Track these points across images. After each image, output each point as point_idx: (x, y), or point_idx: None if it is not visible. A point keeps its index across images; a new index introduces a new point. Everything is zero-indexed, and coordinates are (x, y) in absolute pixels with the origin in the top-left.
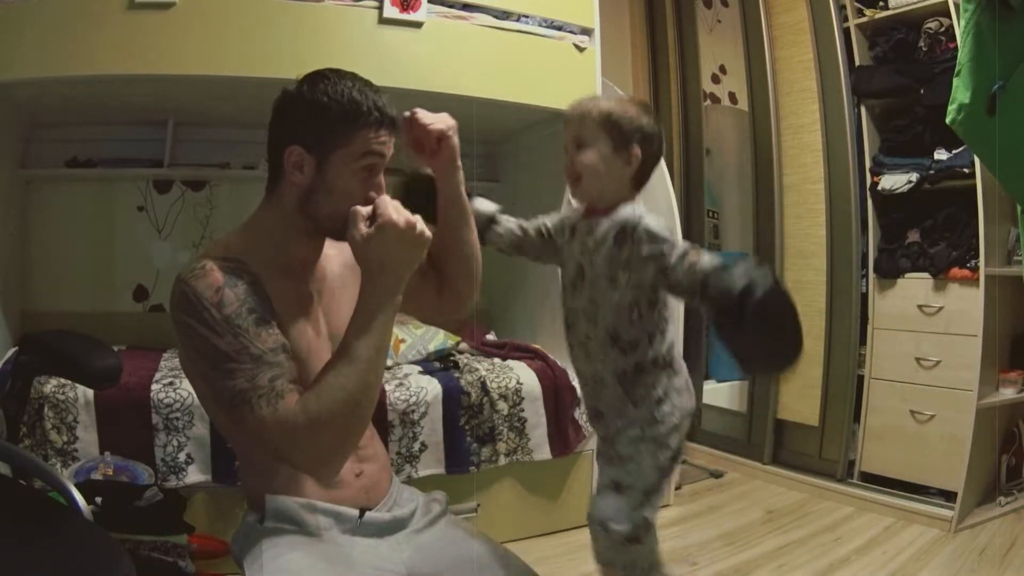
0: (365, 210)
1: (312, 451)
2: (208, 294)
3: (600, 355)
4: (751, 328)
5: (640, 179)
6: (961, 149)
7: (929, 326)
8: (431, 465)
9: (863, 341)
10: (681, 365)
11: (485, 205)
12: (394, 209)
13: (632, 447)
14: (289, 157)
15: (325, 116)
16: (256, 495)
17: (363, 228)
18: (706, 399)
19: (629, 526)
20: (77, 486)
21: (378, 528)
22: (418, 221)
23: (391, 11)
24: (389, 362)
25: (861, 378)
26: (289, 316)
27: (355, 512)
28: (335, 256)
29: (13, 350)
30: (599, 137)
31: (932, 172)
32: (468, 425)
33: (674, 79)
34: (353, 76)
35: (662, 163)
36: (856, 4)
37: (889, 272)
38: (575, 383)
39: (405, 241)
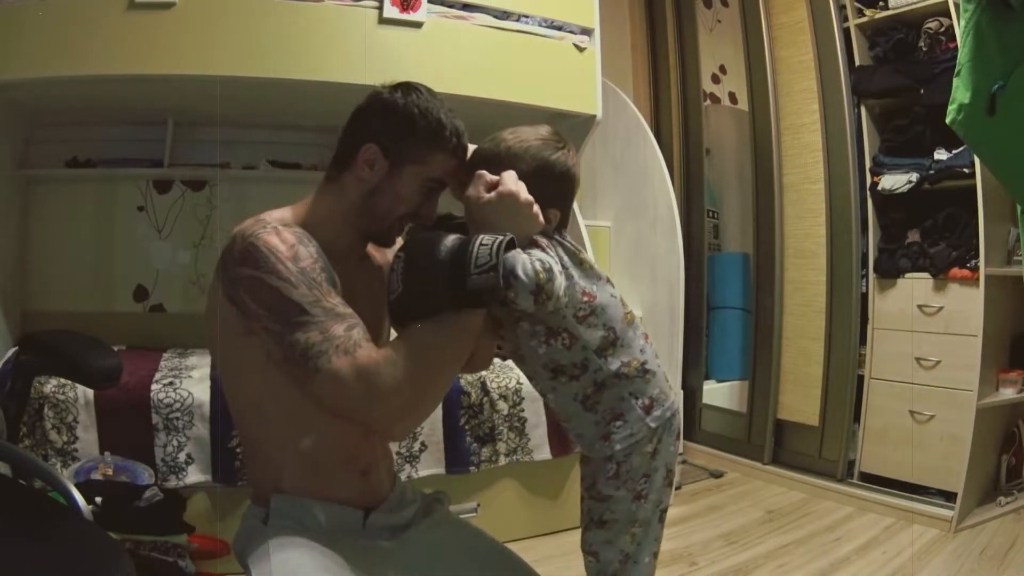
0: (489, 176)
1: (391, 405)
2: (283, 248)
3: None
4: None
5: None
6: (961, 149)
7: (929, 326)
8: (431, 465)
9: (863, 341)
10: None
11: None
12: (514, 182)
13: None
14: (364, 153)
15: (411, 127)
16: (262, 490)
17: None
18: (706, 399)
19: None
20: (77, 486)
21: (382, 528)
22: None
23: (391, 11)
24: None
25: (861, 378)
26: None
27: (359, 513)
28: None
29: (13, 350)
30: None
31: (932, 172)
32: (468, 425)
33: (674, 79)
34: (439, 98)
35: (662, 163)
36: (856, 4)
37: (889, 272)
38: None
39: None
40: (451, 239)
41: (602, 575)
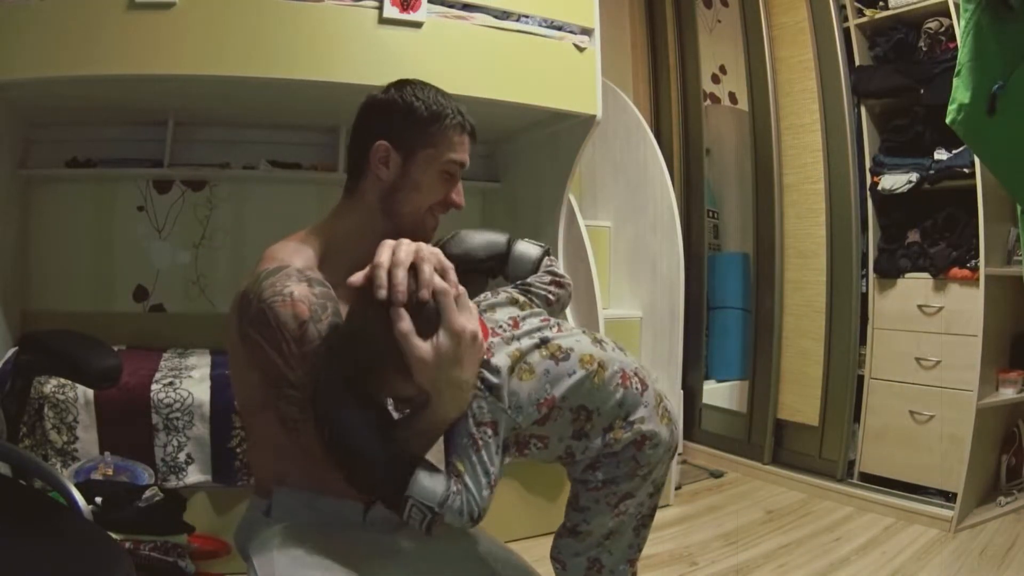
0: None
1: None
2: (292, 326)
3: None
4: None
5: None
6: (961, 149)
7: (929, 326)
8: None
9: (863, 341)
10: None
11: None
12: (461, 316)
13: None
14: (376, 152)
15: (413, 115)
16: (265, 481)
17: (423, 346)
18: (706, 399)
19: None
20: (77, 486)
21: (382, 522)
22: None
23: (391, 11)
24: None
25: (861, 378)
26: None
27: (360, 505)
28: None
29: (13, 350)
30: None
31: (932, 172)
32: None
33: (674, 79)
34: (434, 87)
35: (662, 163)
36: (856, 4)
37: (889, 272)
38: None
39: (473, 359)
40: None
41: None
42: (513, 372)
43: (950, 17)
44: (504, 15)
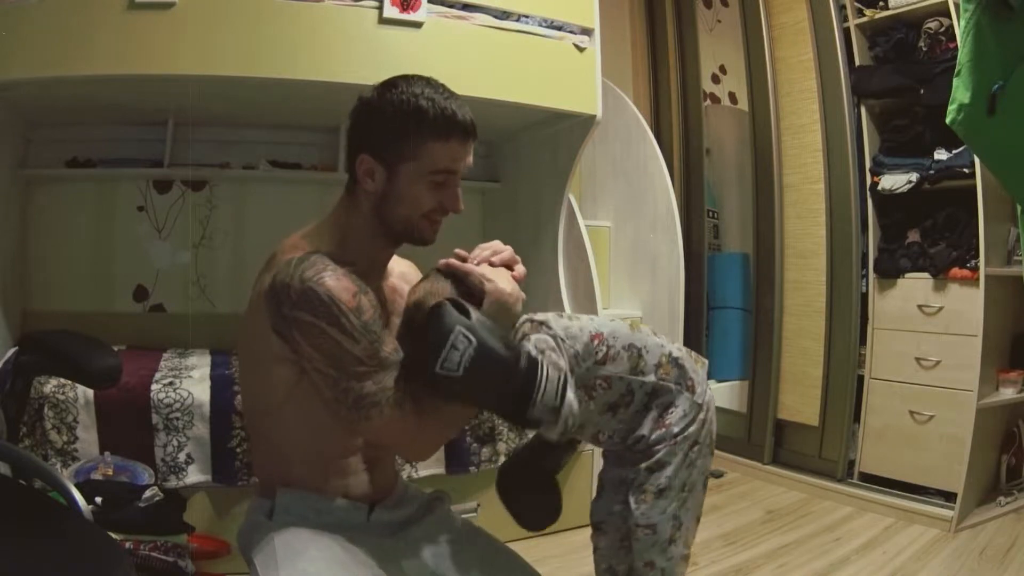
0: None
1: (424, 445)
2: (346, 298)
3: None
4: None
5: None
6: (961, 149)
7: (929, 326)
8: (431, 465)
9: (863, 341)
10: None
11: None
12: (505, 279)
13: None
14: (360, 166)
15: (391, 127)
16: (269, 482)
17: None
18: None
19: None
20: (77, 486)
21: (385, 525)
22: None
23: (391, 11)
24: None
25: (861, 378)
26: None
27: (364, 507)
28: (399, 284)
29: (13, 350)
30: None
31: (932, 172)
32: (468, 425)
33: (674, 79)
34: (426, 82)
35: (662, 163)
36: (856, 4)
37: (889, 272)
38: None
39: (510, 312)
40: (524, 357)
41: (658, 545)
42: (562, 318)
43: (950, 17)
44: (504, 15)
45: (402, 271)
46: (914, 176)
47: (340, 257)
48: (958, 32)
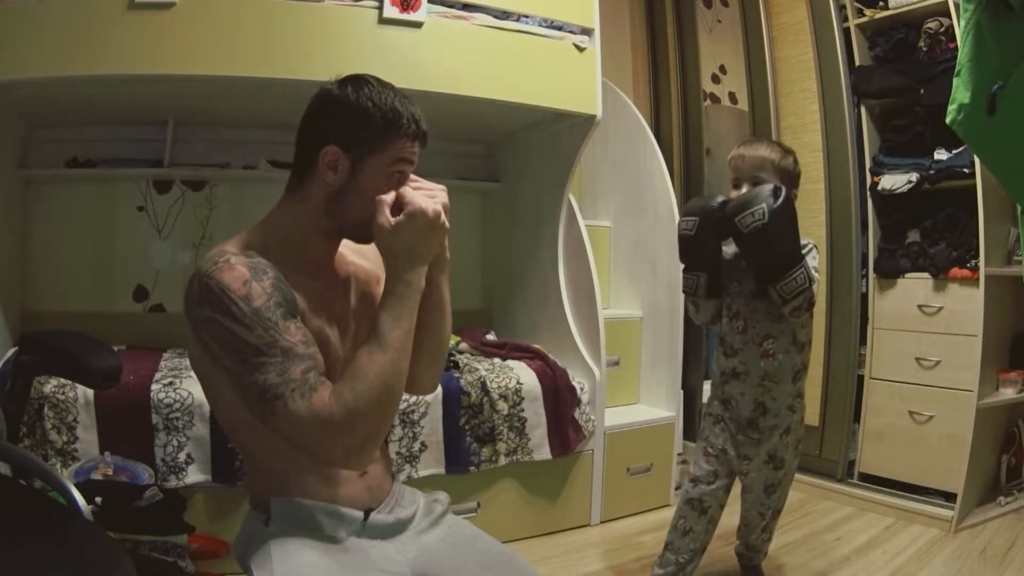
0: (388, 198)
1: (347, 441)
2: (236, 286)
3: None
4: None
5: None
6: (961, 149)
7: (929, 326)
8: (431, 465)
9: (863, 341)
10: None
11: None
12: (421, 197)
13: None
14: (325, 157)
15: (367, 122)
16: (261, 496)
17: (389, 216)
18: (706, 399)
19: None
20: (77, 486)
21: (382, 529)
22: (441, 210)
23: (391, 11)
24: None
25: (861, 378)
26: (308, 311)
27: (359, 513)
28: (361, 263)
29: (13, 350)
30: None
31: (932, 172)
32: (468, 425)
33: (674, 79)
34: (392, 87)
35: (662, 163)
36: (856, 4)
37: (889, 272)
38: (575, 383)
39: (432, 229)
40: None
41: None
42: None
43: (950, 17)
44: (504, 15)
45: (355, 248)
46: (914, 176)
47: (272, 256)
48: (958, 32)
